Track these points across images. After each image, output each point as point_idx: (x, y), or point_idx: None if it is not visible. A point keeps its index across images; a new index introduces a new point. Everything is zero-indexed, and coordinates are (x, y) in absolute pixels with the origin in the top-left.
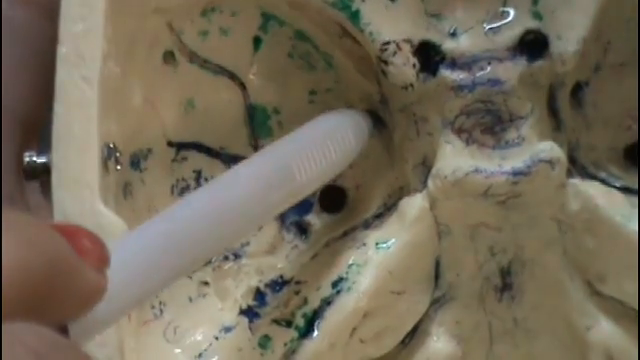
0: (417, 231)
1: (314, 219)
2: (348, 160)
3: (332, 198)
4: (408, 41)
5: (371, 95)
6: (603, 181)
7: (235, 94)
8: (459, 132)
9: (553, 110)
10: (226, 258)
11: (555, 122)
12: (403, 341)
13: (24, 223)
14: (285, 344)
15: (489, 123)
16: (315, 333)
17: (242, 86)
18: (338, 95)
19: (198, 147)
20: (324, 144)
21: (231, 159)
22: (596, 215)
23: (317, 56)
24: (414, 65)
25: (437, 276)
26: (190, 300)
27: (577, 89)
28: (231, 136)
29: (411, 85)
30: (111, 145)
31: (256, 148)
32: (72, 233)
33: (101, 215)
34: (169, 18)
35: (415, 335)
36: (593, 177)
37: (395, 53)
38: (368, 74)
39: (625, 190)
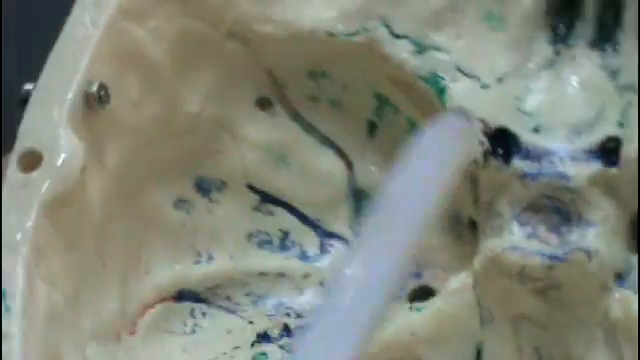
0: (454, 303)
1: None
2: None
3: (423, 298)
4: (482, 120)
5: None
6: None
7: (339, 169)
8: (523, 225)
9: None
10: (287, 315)
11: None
12: None
13: None
14: None
15: (556, 222)
16: None
17: (349, 165)
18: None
19: (290, 209)
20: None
21: (327, 235)
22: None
23: None
24: (482, 143)
25: None
26: None
27: None
28: (329, 211)
29: (475, 162)
30: (101, 83)
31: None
32: None
33: (60, 136)
34: (268, 64)
35: None
36: None
37: None
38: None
39: None
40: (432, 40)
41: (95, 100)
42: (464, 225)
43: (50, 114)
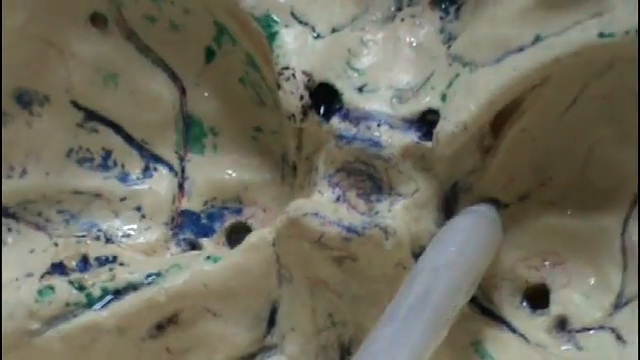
0: (250, 258)
1: (208, 244)
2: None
3: (239, 234)
4: (307, 74)
5: None
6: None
7: (171, 93)
8: (333, 186)
9: (448, 212)
10: (97, 238)
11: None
12: None
13: None
14: (67, 304)
15: (367, 189)
16: (100, 307)
17: (182, 90)
18: (280, 140)
19: (115, 128)
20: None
21: (152, 158)
22: None
23: (267, 92)
24: (301, 97)
25: (273, 323)
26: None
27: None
28: (156, 134)
29: (293, 116)
30: None
31: (182, 159)
32: None
33: None
34: None
35: None
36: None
37: (288, 79)
38: None
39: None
40: None
41: None
42: (289, 166)
43: None
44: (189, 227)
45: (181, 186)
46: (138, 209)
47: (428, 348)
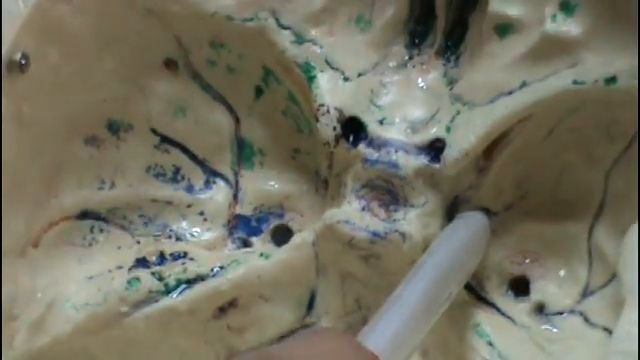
0: (294, 255)
1: (257, 242)
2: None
3: (281, 234)
4: (339, 110)
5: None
6: (479, 296)
7: (227, 121)
8: (360, 198)
9: (451, 219)
10: (169, 237)
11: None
12: None
13: None
14: (150, 291)
15: (387, 200)
16: (176, 294)
17: (236, 120)
18: (314, 159)
19: (183, 149)
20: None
21: (212, 173)
22: None
23: (304, 121)
24: (334, 128)
25: (312, 306)
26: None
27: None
28: (215, 154)
29: (328, 143)
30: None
31: (236, 174)
32: None
33: None
34: (176, 32)
35: None
36: (469, 288)
37: (324, 114)
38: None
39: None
40: (310, 34)
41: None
42: (321, 180)
43: None
44: (242, 228)
45: (235, 195)
46: (201, 214)
47: (425, 323)
